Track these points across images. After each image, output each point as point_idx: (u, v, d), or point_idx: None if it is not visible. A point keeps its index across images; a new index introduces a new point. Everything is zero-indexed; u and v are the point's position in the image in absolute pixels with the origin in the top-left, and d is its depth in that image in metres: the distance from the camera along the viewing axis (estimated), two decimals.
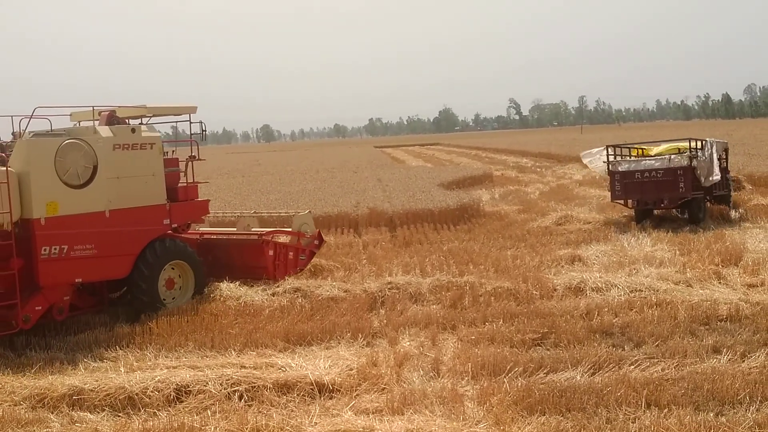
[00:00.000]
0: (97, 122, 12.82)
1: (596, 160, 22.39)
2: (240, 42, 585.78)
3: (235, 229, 15.80)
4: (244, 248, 14.55)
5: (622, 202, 20.32)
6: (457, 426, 7.10)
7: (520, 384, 8.27)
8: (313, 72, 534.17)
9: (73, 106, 13.38)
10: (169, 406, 8.27)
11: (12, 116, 12.12)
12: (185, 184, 13.91)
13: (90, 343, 10.87)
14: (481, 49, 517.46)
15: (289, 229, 15.27)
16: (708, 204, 20.42)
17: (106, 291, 13.03)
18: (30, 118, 11.91)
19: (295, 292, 13.23)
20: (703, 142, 20.04)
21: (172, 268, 13.14)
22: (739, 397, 7.60)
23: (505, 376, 8.58)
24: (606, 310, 11.17)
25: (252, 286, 13.73)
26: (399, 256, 16.69)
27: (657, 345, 9.44)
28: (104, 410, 8.26)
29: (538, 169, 43.91)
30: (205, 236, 15.02)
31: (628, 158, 20.84)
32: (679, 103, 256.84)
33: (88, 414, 8.18)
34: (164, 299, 12.87)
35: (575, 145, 62.45)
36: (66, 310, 11.89)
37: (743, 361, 8.74)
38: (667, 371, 8.50)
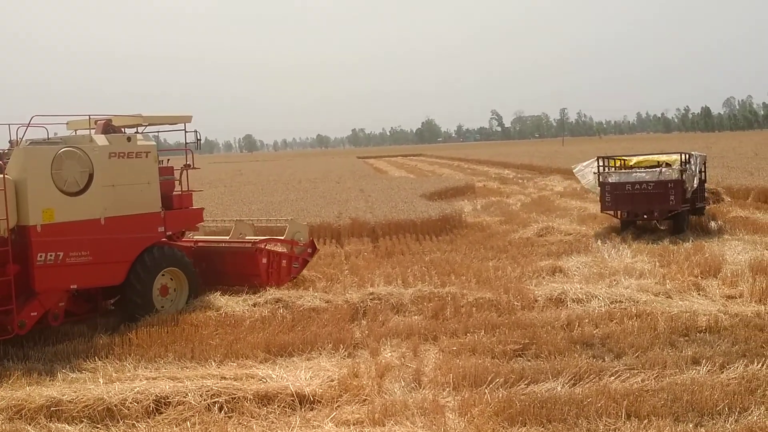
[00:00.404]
0: (93, 131, 12.97)
1: (587, 173, 22.57)
2: (229, 47, 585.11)
3: (228, 237, 15.91)
4: (237, 256, 14.65)
5: (612, 213, 20.51)
6: None
7: (501, 395, 8.28)
8: (296, 81, 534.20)
9: (70, 114, 13.62)
10: (149, 417, 8.19)
11: (9, 124, 12.32)
12: (180, 193, 14.06)
13: (68, 353, 10.75)
14: (464, 60, 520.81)
15: (283, 238, 15.32)
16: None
17: (101, 297, 13.10)
18: (27, 127, 11.97)
19: (277, 302, 13.17)
20: (691, 155, 20.47)
21: (167, 276, 13.25)
22: (718, 408, 7.65)
23: (486, 387, 8.58)
24: (586, 321, 11.21)
25: (233, 296, 13.67)
26: (381, 266, 16.69)
27: (637, 356, 9.49)
28: (82, 422, 8.16)
29: (520, 181, 44.16)
30: (200, 244, 15.11)
31: (613, 169, 21.04)
32: (659, 115, 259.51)
33: (66, 426, 8.08)
34: (158, 306, 12.93)
35: (557, 156, 62.93)
36: (61, 316, 11.97)
37: (722, 372, 8.79)
38: (647, 382, 8.54)
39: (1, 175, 11.15)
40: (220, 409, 8.26)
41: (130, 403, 8.34)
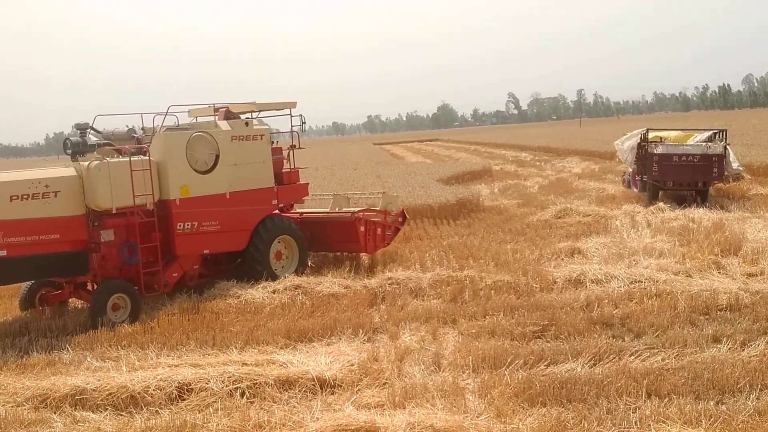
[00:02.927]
0: (215, 117, 14.71)
1: (625, 149, 23.95)
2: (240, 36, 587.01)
3: (328, 209, 17.12)
4: (338, 225, 15.81)
5: (658, 183, 21.51)
6: (459, 419, 7.11)
7: (520, 376, 8.30)
8: (311, 68, 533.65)
9: (195, 104, 15.39)
10: (172, 404, 8.28)
11: (142, 113, 13.91)
12: (288, 170, 15.72)
13: (92, 342, 10.86)
14: (480, 43, 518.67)
15: (377, 208, 16.42)
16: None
17: (226, 261, 14.74)
18: (165, 115, 13.49)
19: (296, 289, 13.25)
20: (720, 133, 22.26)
21: (280, 243, 14.80)
22: (739, 386, 7.63)
23: (505, 369, 8.60)
24: (606, 301, 11.19)
25: (252, 284, 13.76)
26: (399, 251, 16.72)
27: (657, 335, 9.47)
28: (107, 409, 8.27)
29: (538, 163, 43.94)
30: (305, 215, 16.29)
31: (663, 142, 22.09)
32: (678, 94, 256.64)
33: (91, 413, 8.19)
34: (275, 268, 14.51)
35: (574, 138, 62.59)
36: (196, 277, 13.87)
37: (743, 349, 8.77)
38: (667, 361, 8.53)
39: (147, 157, 12.79)
40: (242, 394, 8.34)
41: (153, 390, 8.43)
